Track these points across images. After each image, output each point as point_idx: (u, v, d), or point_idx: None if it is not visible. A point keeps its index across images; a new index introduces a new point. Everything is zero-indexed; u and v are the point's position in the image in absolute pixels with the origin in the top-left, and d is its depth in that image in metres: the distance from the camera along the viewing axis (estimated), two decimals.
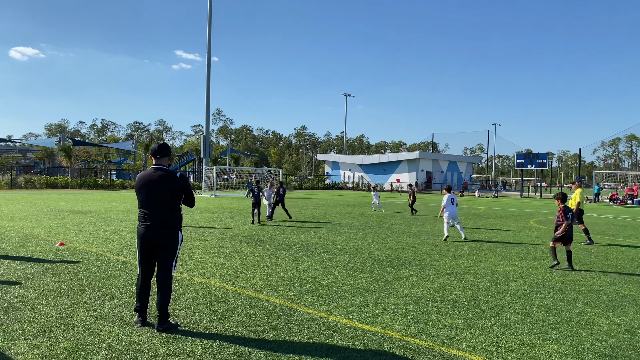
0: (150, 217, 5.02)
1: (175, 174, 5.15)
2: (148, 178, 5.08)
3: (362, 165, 73.45)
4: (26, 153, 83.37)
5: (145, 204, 5.05)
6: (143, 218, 5.07)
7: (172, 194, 5.06)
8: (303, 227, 15.01)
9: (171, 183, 5.05)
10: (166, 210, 5.04)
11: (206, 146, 41.70)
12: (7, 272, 7.46)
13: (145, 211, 5.05)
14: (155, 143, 5.40)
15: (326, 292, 6.69)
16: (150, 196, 5.03)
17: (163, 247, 5.03)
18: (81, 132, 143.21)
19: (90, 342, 4.53)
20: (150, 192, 5.03)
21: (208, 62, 43.21)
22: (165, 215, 5.04)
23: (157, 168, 5.14)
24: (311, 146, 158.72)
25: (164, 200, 5.03)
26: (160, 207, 5.03)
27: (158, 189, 5.02)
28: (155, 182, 5.03)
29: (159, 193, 5.02)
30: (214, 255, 9.40)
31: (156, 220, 5.01)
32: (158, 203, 5.02)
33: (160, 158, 5.19)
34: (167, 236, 5.03)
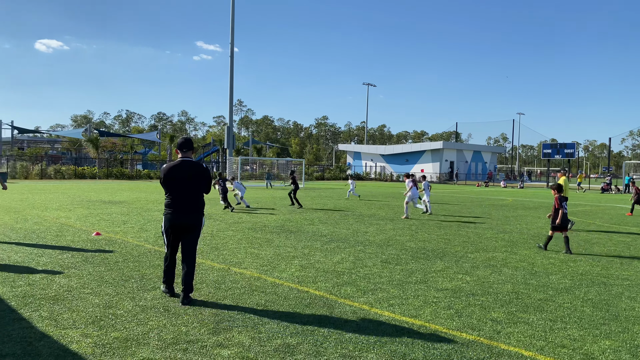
0: (182, 204, 5.61)
1: (202, 165, 5.80)
2: (179, 169, 5.64)
3: (384, 155, 73.05)
4: (54, 144, 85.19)
5: (177, 192, 5.62)
6: (174, 204, 5.62)
7: (200, 183, 5.70)
8: (330, 218, 14.99)
9: (200, 173, 5.69)
10: (195, 197, 5.69)
11: (229, 137, 41.93)
12: (49, 261, 7.63)
13: (177, 198, 5.62)
14: (182, 137, 5.92)
15: (364, 284, 6.67)
16: (182, 185, 5.61)
17: (192, 229, 5.67)
18: (106, 123, 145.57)
19: (139, 331, 4.59)
20: (182, 181, 5.61)
21: (231, 53, 43.30)
22: (195, 202, 5.68)
23: (186, 160, 5.72)
24: (332, 136, 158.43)
25: (194, 188, 5.67)
26: (190, 194, 5.65)
27: (189, 178, 5.62)
28: (186, 173, 5.62)
29: (190, 182, 5.63)
30: (248, 246, 9.46)
31: (187, 206, 5.62)
32: (189, 191, 5.63)
33: (186, 151, 5.77)
34: (195, 220, 5.68)
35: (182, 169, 5.64)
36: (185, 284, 5.55)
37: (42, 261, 7.60)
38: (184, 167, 5.65)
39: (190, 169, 5.65)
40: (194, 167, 5.67)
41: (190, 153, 5.80)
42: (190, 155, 5.79)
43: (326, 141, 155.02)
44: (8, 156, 49.54)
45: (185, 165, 5.66)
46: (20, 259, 7.70)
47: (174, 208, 5.61)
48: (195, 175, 5.64)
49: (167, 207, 5.67)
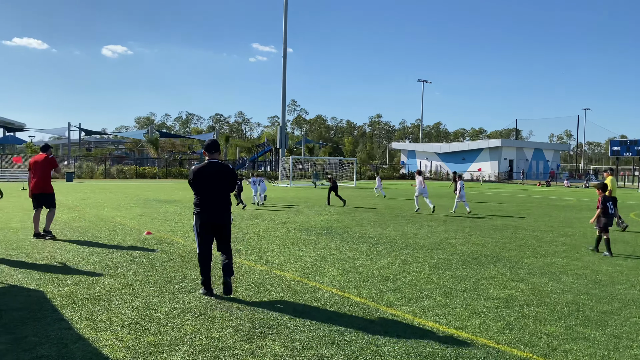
0: (214, 203, 5.90)
1: (228, 166, 6.11)
2: (211, 170, 5.92)
3: (439, 153, 71.38)
4: (118, 145, 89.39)
5: (209, 193, 5.90)
6: (204, 204, 5.89)
7: (230, 183, 6.03)
8: (380, 219, 14.65)
9: (230, 175, 6.03)
10: (226, 196, 6.01)
11: (282, 137, 42.31)
12: (98, 260, 7.81)
13: (209, 198, 5.90)
14: (209, 140, 6.13)
15: (409, 291, 6.34)
16: (214, 186, 5.90)
17: (225, 226, 6.00)
18: (167, 125, 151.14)
19: (172, 336, 4.52)
20: (214, 182, 5.89)
21: (284, 54, 43.70)
22: (225, 201, 6.00)
23: (215, 162, 5.99)
24: (386, 135, 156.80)
25: (225, 188, 5.98)
26: (221, 194, 5.96)
27: (220, 179, 5.92)
28: (218, 174, 5.92)
29: (221, 183, 5.92)
30: (292, 247, 9.33)
31: (219, 205, 5.93)
32: (220, 191, 5.94)
33: (213, 153, 6.03)
34: (227, 218, 6.02)
35: (210, 170, 5.92)
36: (225, 270, 5.88)
37: (91, 260, 7.80)
38: (212, 168, 5.93)
39: (223, 171, 5.97)
40: (221, 168, 5.97)
41: (217, 155, 6.07)
42: (217, 157, 6.06)
43: (380, 139, 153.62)
44: (75, 157, 52.38)
45: (212, 167, 5.94)
46: (72, 258, 7.94)
47: (204, 207, 5.89)
48: (222, 176, 5.94)
49: (196, 206, 5.96)
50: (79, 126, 68.33)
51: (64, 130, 71.54)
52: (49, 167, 9.97)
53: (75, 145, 72.25)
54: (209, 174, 5.90)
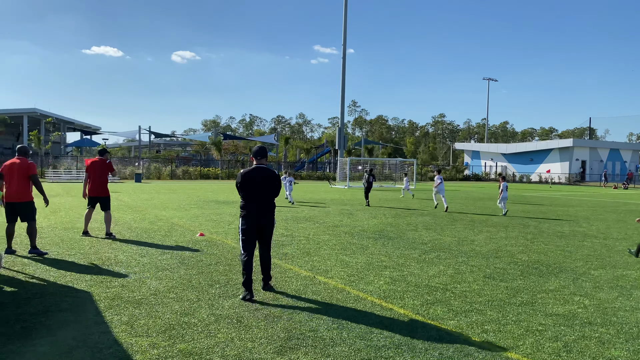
0: (261, 206, 6.18)
1: (274, 171, 6.39)
2: (258, 175, 6.18)
3: (505, 154, 68.55)
4: (185, 147, 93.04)
5: (256, 196, 6.15)
6: (253, 207, 6.13)
7: (276, 187, 6.29)
8: (437, 223, 14.12)
9: (276, 179, 6.30)
10: (272, 200, 6.28)
11: (341, 138, 42.18)
12: (148, 262, 7.98)
13: (256, 202, 6.15)
14: (256, 146, 6.45)
15: (458, 304, 5.95)
16: (261, 190, 6.17)
17: (267, 229, 6.26)
18: (231, 127, 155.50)
19: (205, 344, 4.45)
20: (262, 186, 6.16)
21: (343, 55, 43.56)
22: (271, 204, 6.29)
23: (263, 167, 6.28)
24: (449, 134, 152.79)
25: (271, 192, 6.24)
26: (268, 198, 6.23)
27: (268, 184, 6.20)
28: (266, 179, 6.20)
29: (268, 187, 6.20)
30: (340, 252, 9.12)
31: (265, 208, 6.21)
32: (267, 195, 6.21)
33: (260, 159, 6.32)
34: (272, 220, 6.31)
35: (256, 174, 6.18)
36: (264, 273, 6.36)
37: (142, 262, 7.98)
38: (264, 174, 6.21)
39: (270, 176, 6.25)
40: (267, 173, 6.24)
41: (264, 160, 6.37)
42: (264, 162, 6.36)
43: (443, 140, 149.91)
44: (145, 158, 54.95)
45: (259, 171, 6.21)
46: (125, 259, 8.17)
47: (249, 210, 6.13)
48: (267, 181, 6.20)
49: (242, 209, 6.21)
50: (149, 129, 71.66)
51: (135, 133, 75.34)
52: (106, 171, 10.35)
53: (145, 148, 75.85)
54: (255, 178, 6.14)
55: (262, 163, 6.32)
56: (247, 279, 6.02)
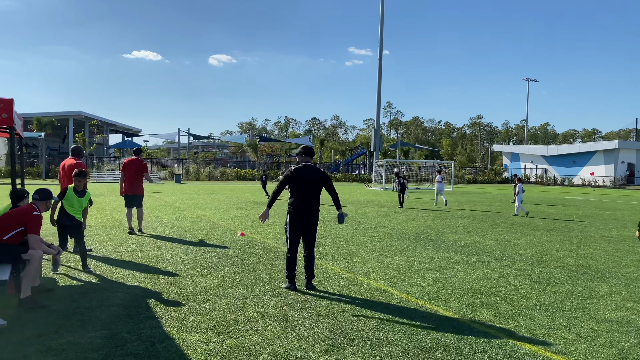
0: (308, 204, 6.36)
1: (321, 169, 6.58)
2: (306, 172, 6.37)
3: (546, 156, 66.68)
4: (222, 148, 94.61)
5: (305, 194, 6.34)
6: (300, 204, 6.33)
7: (323, 185, 6.46)
8: (477, 226, 13.88)
9: (325, 177, 6.48)
10: (318, 197, 6.46)
11: (376, 139, 42.00)
12: (193, 260, 8.17)
13: (304, 199, 6.34)
14: (303, 146, 6.59)
15: (505, 307, 5.84)
16: (310, 187, 6.35)
17: (314, 225, 6.48)
18: (267, 129, 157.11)
19: (253, 341, 4.53)
20: (310, 184, 6.35)
21: (380, 57, 43.39)
22: (318, 202, 6.46)
23: (310, 165, 6.48)
24: (487, 136, 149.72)
25: (318, 190, 6.44)
26: (315, 195, 6.42)
27: (316, 182, 6.38)
28: (314, 177, 6.38)
29: (316, 185, 6.39)
30: (380, 254, 9.09)
31: (312, 206, 6.39)
32: (315, 193, 6.40)
33: (309, 157, 6.56)
34: (315, 218, 6.46)
35: (311, 173, 6.39)
36: (307, 272, 6.45)
37: (187, 259, 8.17)
38: (312, 172, 6.43)
39: (318, 174, 6.46)
40: (315, 171, 6.46)
41: (310, 159, 6.59)
42: (310, 161, 6.57)
43: (481, 141, 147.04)
44: (184, 160, 56.19)
45: (307, 169, 6.42)
46: (170, 257, 8.38)
47: (297, 207, 6.35)
48: (316, 178, 6.39)
49: (291, 205, 6.42)
50: (187, 131, 73.27)
51: (174, 135, 77.21)
52: (141, 171, 10.76)
53: (184, 149, 77.56)
54: (306, 176, 6.35)
55: (310, 161, 6.54)
56: (291, 275, 6.37)
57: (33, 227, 5.56)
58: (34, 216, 5.58)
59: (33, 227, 5.56)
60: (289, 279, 6.38)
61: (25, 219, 5.55)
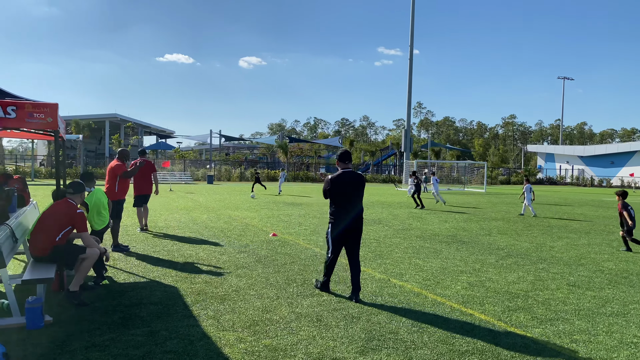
0: (352, 211, 6.04)
1: (362, 175, 6.25)
2: (346, 179, 6.07)
3: (582, 157, 64.84)
4: (253, 150, 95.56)
5: (347, 201, 6.06)
6: (344, 212, 6.02)
7: (361, 192, 6.20)
8: (511, 228, 13.62)
9: (361, 183, 6.18)
10: (357, 205, 6.13)
11: (407, 140, 41.67)
12: (227, 260, 8.30)
13: (347, 206, 6.04)
14: (341, 149, 6.29)
15: (542, 312, 5.73)
16: (352, 194, 6.08)
17: (356, 235, 6.12)
18: (296, 130, 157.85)
19: (289, 341, 4.58)
20: (353, 190, 6.08)
21: (410, 56, 43.04)
22: (361, 208, 6.17)
23: (349, 171, 6.16)
24: (520, 136, 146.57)
25: (361, 196, 6.19)
26: (358, 202, 6.14)
27: (358, 188, 6.13)
28: (356, 183, 6.11)
29: (358, 191, 6.13)
30: (413, 256, 9.03)
31: (355, 214, 6.06)
32: (358, 199, 6.12)
33: (347, 163, 6.22)
34: (359, 226, 6.14)
35: (344, 179, 6.08)
36: (354, 284, 6.07)
37: (222, 259, 8.31)
38: (354, 177, 6.13)
39: (360, 180, 6.18)
40: (356, 177, 6.14)
41: (350, 164, 6.24)
42: (349, 166, 6.23)
43: (514, 142, 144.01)
44: (215, 161, 57.02)
45: (345, 176, 6.10)
46: (205, 256, 8.54)
47: (340, 217, 6.04)
48: (356, 185, 6.11)
49: (332, 215, 6.13)
50: (219, 133, 74.27)
51: (206, 136, 78.34)
52: (149, 171, 11.12)
53: (216, 150, 78.69)
54: (344, 183, 6.06)
55: (348, 167, 6.19)
56: (327, 280, 6.28)
57: (82, 226, 5.77)
58: (79, 214, 5.77)
59: (82, 225, 5.77)
60: (323, 283, 6.31)
61: (71, 219, 5.73)
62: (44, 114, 5.63)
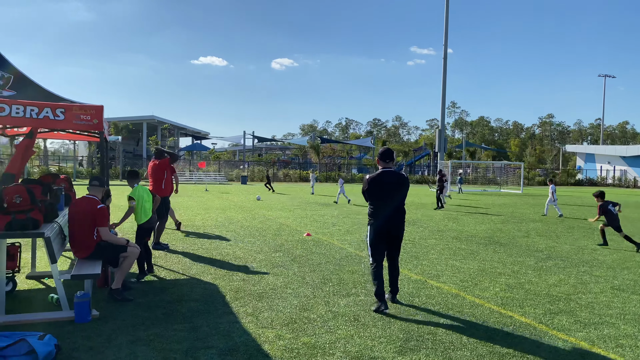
0: (391, 213, 5.70)
1: (404, 175, 5.89)
2: (385, 179, 5.71)
3: (625, 157, 62.51)
4: (285, 150, 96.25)
5: (387, 202, 5.71)
6: (380, 216, 5.68)
7: (406, 191, 5.86)
8: (551, 230, 13.28)
9: (407, 183, 5.86)
10: (398, 206, 5.78)
11: (441, 140, 41.12)
12: (264, 258, 8.41)
13: (386, 208, 5.69)
14: (383, 148, 5.92)
15: (585, 315, 5.58)
16: (392, 195, 5.72)
17: (398, 237, 5.82)
18: (328, 131, 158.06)
19: (327, 340, 4.62)
20: (392, 191, 5.72)
21: (444, 55, 42.47)
22: (403, 210, 5.83)
23: (391, 170, 5.78)
24: (558, 136, 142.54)
25: (402, 197, 5.81)
26: (399, 203, 5.78)
27: (399, 189, 5.75)
28: (396, 183, 5.73)
29: (399, 192, 5.76)
30: (449, 257, 8.93)
31: (397, 215, 5.75)
32: (398, 200, 5.77)
33: (389, 162, 5.83)
34: (403, 227, 5.85)
35: (384, 179, 5.71)
36: (392, 285, 5.92)
37: (258, 258, 8.43)
38: (394, 177, 5.73)
39: (400, 180, 5.77)
40: (396, 177, 5.74)
41: (391, 163, 5.83)
42: (391, 166, 5.82)
43: (551, 142, 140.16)
44: (249, 162, 57.71)
45: (387, 175, 5.73)
46: (242, 255, 8.68)
47: (378, 217, 5.69)
48: (397, 185, 5.73)
49: (371, 216, 5.77)
50: (252, 134, 75.14)
51: (240, 138, 79.39)
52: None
53: (249, 151, 79.65)
54: (384, 183, 5.69)
55: (389, 166, 5.79)
56: (379, 290, 5.62)
57: (102, 221, 5.72)
58: (100, 210, 5.70)
59: (102, 220, 5.71)
60: (377, 297, 5.61)
61: (94, 215, 5.69)
62: (90, 115, 5.85)
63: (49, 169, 44.86)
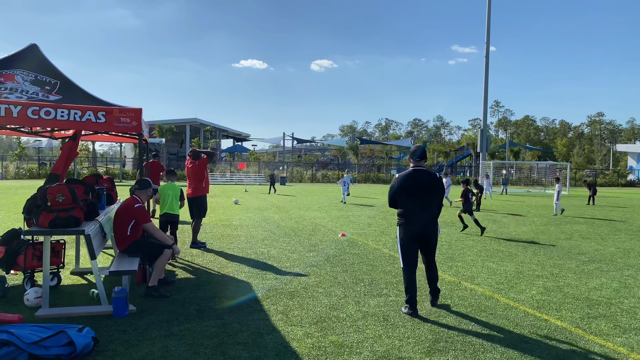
0: (423, 214, 5.50)
1: (436, 174, 5.66)
2: (416, 178, 5.52)
3: None
4: (324, 151, 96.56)
5: (418, 203, 5.50)
6: (411, 214, 5.50)
7: (439, 192, 5.62)
8: (596, 232, 12.78)
9: (439, 183, 5.60)
10: (430, 206, 5.56)
11: (483, 140, 40.24)
12: (297, 258, 8.49)
13: (417, 209, 5.50)
14: (414, 146, 5.87)
15: (626, 320, 5.36)
16: (423, 195, 5.52)
17: (431, 238, 5.62)
18: (367, 132, 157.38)
19: (355, 339, 4.63)
20: (424, 191, 5.51)
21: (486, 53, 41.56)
22: (435, 211, 5.61)
23: (420, 169, 5.59)
24: (609, 135, 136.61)
25: (434, 198, 5.58)
26: (431, 204, 5.56)
27: (430, 188, 5.53)
28: (427, 183, 5.52)
29: (430, 192, 5.54)
30: (486, 259, 8.75)
31: (428, 216, 5.53)
32: (430, 201, 5.54)
33: (419, 160, 5.65)
34: (435, 229, 5.63)
35: (414, 178, 5.52)
36: (432, 286, 5.77)
37: (292, 257, 8.52)
38: (425, 177, 5.54)
39: (432, 179, 5.56)
40: (428, 176, 5.54)
41: (423, 162, 5.66)
42: (423, 164, 5.65)
43: (601, 141, 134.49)
44: (288, 163, 58.25)
45: (419, 174, 5.54)
46: (276, 254, 8.79)
47: (408, 218, 5.50)
48: (428, 185, 5.51)
49: (400, 217, 5.59)
50: (292, 135, 75.87)
51: (279, 139, 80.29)
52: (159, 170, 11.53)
53: (288, 153, 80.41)
54: (414, 182, 5.49)
55: (420, 165, 5.62)
56: (412, 297, 5.44)
57: (143, 218, 6.13)
58: (137, 208, 6.10)
59: (142, 217, 6.12)
60: (408, 303, 5.45)
61: (131, 213, 6.10)
62: (130, 118, 6.08)
63: (96, 170, 46.71)
